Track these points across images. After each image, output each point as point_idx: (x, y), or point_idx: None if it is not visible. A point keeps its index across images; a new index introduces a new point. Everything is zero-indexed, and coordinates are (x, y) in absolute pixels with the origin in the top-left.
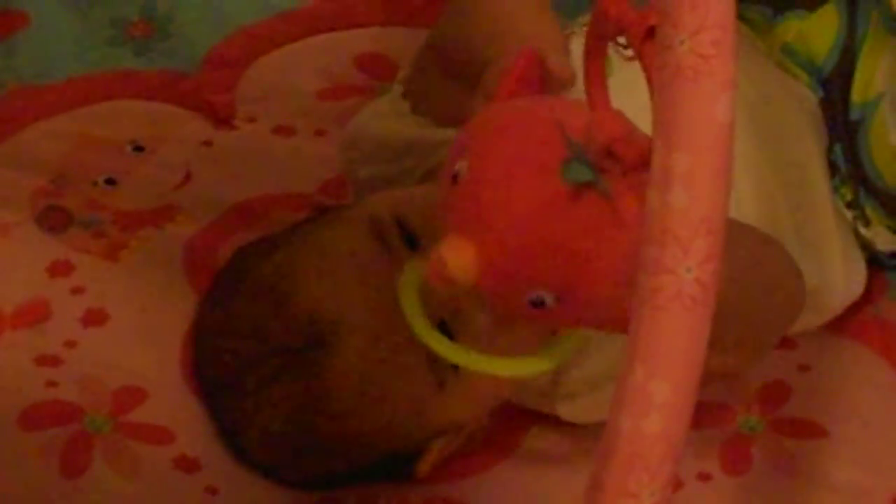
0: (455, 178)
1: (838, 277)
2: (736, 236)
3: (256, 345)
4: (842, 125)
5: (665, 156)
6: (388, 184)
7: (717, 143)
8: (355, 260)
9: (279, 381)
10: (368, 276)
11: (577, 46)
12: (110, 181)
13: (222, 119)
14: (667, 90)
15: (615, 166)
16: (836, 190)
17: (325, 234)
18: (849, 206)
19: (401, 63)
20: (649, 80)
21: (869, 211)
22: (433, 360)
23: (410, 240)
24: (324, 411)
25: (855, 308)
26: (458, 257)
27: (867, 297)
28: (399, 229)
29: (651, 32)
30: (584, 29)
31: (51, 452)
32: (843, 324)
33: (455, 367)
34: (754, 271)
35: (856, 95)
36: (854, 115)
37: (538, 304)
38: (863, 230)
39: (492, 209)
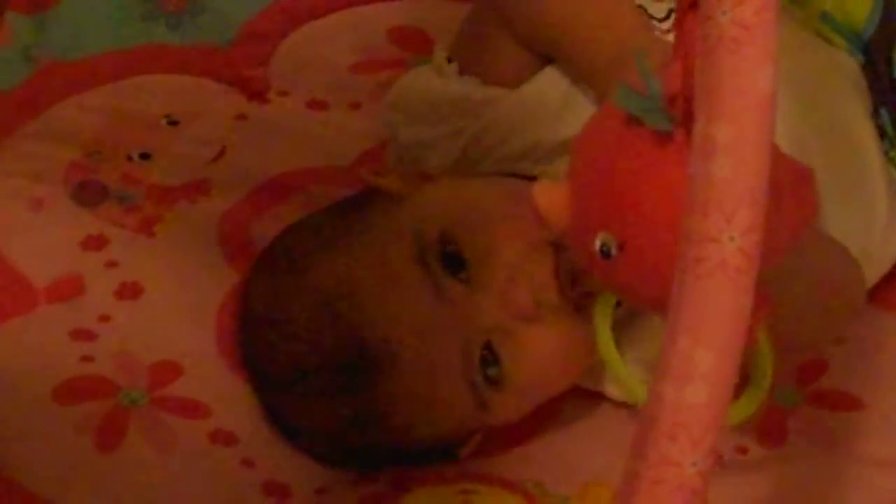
0: None
1: (878, 245)
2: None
3: (311, 354)
4: (887, 86)
5: (707, 126)
6: (430, 149)
7: (760, 112)
8: (402, 284)
9: (330, 396)
10: (414, 301)
11: None
12: (145, 155)
13: (256, 93)
14: (709, 60)
15: (678, 118)
16: (885, 153)
17: (376, 245)
18: None
19: (434, 35)
20: (687, 52)
21: None
22: (473, 386)
23: (456, 259)
24: (372, 426)
25: (889, 279)
26: (548, 194)
27: None
28: (442, 251)
29: (694, 3)
30: None
31: (86, 427)
32: (880, 295)
33: (495, 388)
34: (811, 270)
35: None
36: None
37: (606, 253)
38: None
39: (576, 149)
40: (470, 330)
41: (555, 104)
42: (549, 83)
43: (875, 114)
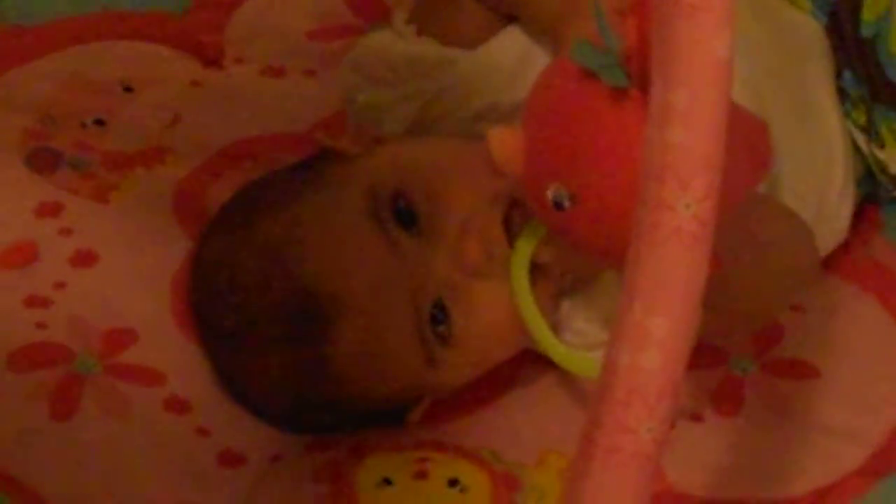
0: None
1: (834, 207)
2: (752, 208)
3: (260, 305)
4: (853, 47)
5: (664, 92)
6: (387, 112)
7: (716, 79)
8: (355, 237)
9: (280, 347)
10: (366, 254)
11: None
12: (99, 122)
13: (211, 60)
14: (665, 27)
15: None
16: (847, 115)
17: (330, 200)
18: (863, 130)
19: (391, 2)
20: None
21: (884, 131)
22: (423, 340)
23: (409, 214)
24: (321, 377)
25: (847, 248)
26: (503, 141)
27: (860, 236)
28: (395, 206)
29: None
30: None
31: (41, 394)
32: (836, 264)
33: (444, 343)
34: (762, 240)
35: (867, 14)
36: (867, 32)
37: (558, 205)
38: (878, 153)
39: (531, 100)
40: (420, 284)
41: (512, 64)
42: (508, 43)
43: (838, 76)
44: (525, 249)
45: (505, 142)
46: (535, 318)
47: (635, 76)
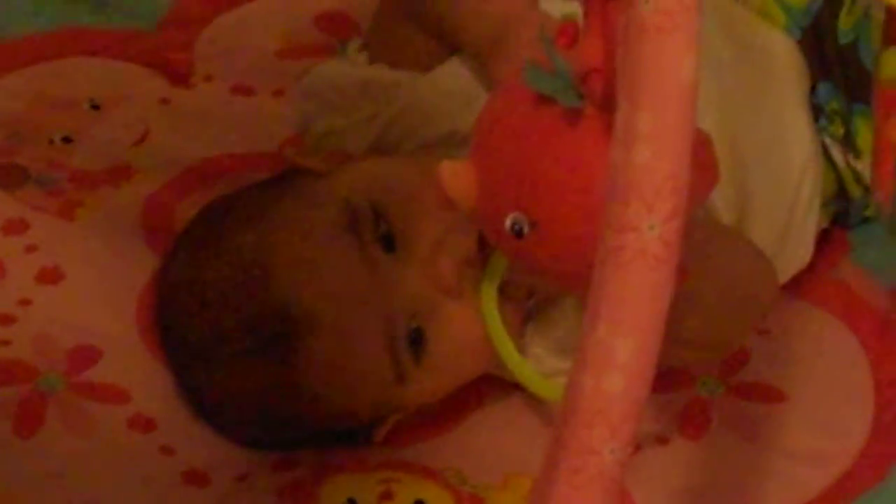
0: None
1: (799, 223)
2: (705, 235)
3: (230, 319)
4: (833, 57)
5: (629, 114)
6: (344, 138)
7: (681, 102)
8: (330, 251)
9: (249, 362)
10: (341, 270)
11: None
12: (67, 139)
13: (180, 77)
14: (631, 48)
15: (590, 96)
16: (824, 130)
17: (302, 215)
18: (840, 143)
19: (361, 21)
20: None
21: (860, 140)
22: (395, 357)
23: (389, 236)
24: (290, 394)
25: (815, 271)
26: (454, 176)
27: (828, 259)
28: (374, 222)
29: None
30: None
31: (3, 412)
32: (804, 287)
33: (416, 361)
34: (721, 271)
35: (843, 23)
36: (845, 39)
37: (517, 232)
38: (854, 163)
39: (481, 130)
40: (395, 301)
41: (465, 90)
42: (459, 69)
43: (812, 92)
44: (494, 272)
45: (456, 174)
46: (502, 340)
47: (590, 97)
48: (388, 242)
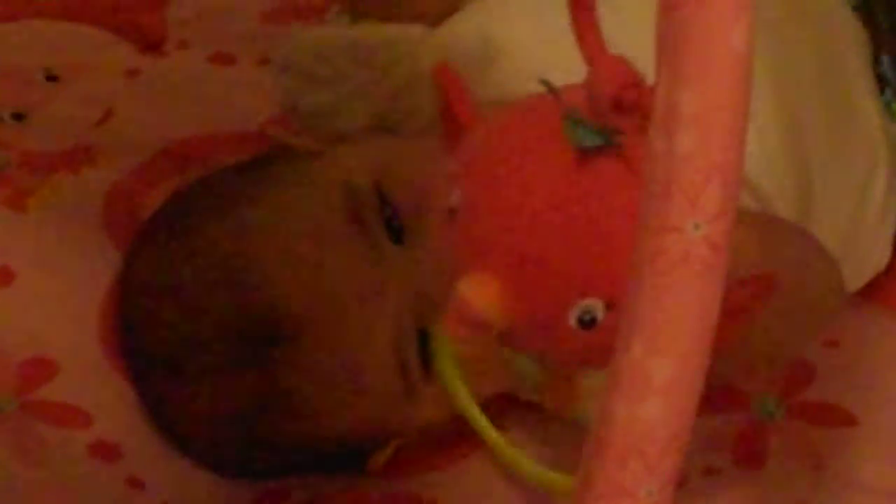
0: (452, 213)
1: (877, 210)
2: (763, 233)
3: (202, 324)
4: (888, 30)
5: (670, 94)
6: (334, 116)
7: (733, 77)
8: (327, 243)
9: (226, 373)
10: (341, 264)
11: None
12: (18, 116)
13: (150, 44)
14: (672, 15)
15: (630, 120)
16: (887, 105)
17: (293, 200)
18: None
19: None
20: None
21: None
22: (404, 367)
23: (397, 226)
24: (276, 410)
25: (890, 273)
26: (482, 294)
27: None
28: (380, 204)
29: None
30: None
31: None
32: (880, 292)
33: (427, 375)
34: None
35: None
36: None
37: (587, 322)
38: None
39: (500, 220)
40: (404, 300)
41: (476, 54)
42: (462, 29)
43: (876, 62)
44: (444, 354)
45: (484, 286)
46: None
47: (631, 117)
48: (396, 232)
